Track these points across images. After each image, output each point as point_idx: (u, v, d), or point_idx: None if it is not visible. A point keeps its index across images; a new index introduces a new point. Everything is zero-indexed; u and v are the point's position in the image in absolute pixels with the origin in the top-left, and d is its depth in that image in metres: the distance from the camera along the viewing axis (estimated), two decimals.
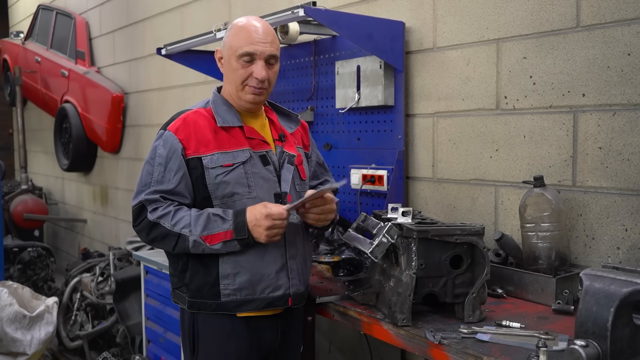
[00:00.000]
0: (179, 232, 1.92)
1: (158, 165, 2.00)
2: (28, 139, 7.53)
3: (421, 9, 2.71)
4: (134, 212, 2.00)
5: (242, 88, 2.03)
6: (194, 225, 1.92)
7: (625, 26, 2.03)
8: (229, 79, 2.07)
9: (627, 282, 1.38)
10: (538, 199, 2.13)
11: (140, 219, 1.97)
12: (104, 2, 5.98)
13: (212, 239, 1.92)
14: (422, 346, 1.76)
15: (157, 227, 1.94)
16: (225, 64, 2.06)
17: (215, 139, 2.01)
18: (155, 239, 1.97)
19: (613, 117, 2.07)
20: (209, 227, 1.92)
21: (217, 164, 1.98)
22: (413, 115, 2.78)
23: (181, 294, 2.06)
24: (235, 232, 1.91)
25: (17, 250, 5.86)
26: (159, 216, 1.95)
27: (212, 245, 1.92)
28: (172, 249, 1.97)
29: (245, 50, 1.99)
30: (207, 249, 1.93)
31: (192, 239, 1.91)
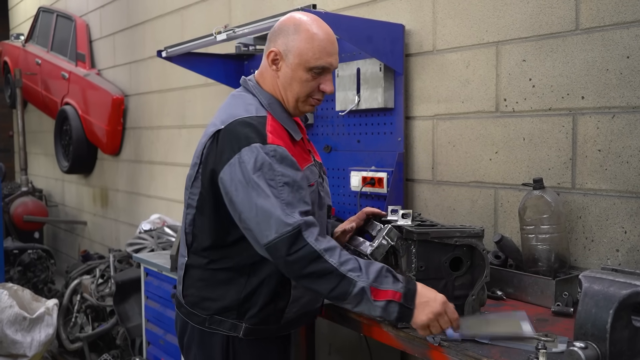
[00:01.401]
0: (345, 273, 1.62)
1: (283, 185, 1.69)
2: (28, 141, 7.53)
3: (421, 12, 2.72)
4: (287, 239, 1.64)
5: (304, 99, 1.86)
6: (365, 271, 1.64)
7: (624, 29, 2.03)
8: (290, 87, 1.85)
9: (626, 284, 1.38)
10: (537, 201, 2.14)
11: (298, 247, 1.63)
12: (104, 4, 5.99)
13: (377, 294, 1.63)
14: (422, 348, 1.76)
15: (320, 261, 1.63)
16: (286, 71, 1.84)
17: (296, 154, 1.82)
18: (311, 275, 1.64)
19: (612, 119, 2.08)
20: (379, 279, 1.64)
21: (307, 183, 1.81)
22: (413, 117, 2.78)
23: (231, 321, 1.84)
24: (404, 298, 1.64)
25: (17, 252, 5.86)
26: (325, 248, 1.64)
27: (376, 300, 1.63)
28: (327, 292, 1.65)
29: (320, 64, 1.81)
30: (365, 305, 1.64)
31: (360, 285, 1.61)
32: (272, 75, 1.88)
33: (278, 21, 1.92)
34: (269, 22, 2.65)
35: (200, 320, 1.88)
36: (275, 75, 1.87)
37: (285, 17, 1.90)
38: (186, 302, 1.93)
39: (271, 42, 1.88)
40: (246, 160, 1.70)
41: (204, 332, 1.88)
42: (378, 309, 1.65)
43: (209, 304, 1.87)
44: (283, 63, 1.84)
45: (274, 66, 1.86)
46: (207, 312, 1.86)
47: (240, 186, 1.70)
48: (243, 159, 1.70)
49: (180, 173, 4.68)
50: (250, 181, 1.68)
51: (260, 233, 1.68)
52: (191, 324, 1.92)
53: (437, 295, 1.68)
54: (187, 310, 1.92)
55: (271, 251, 1.68)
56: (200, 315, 1.88)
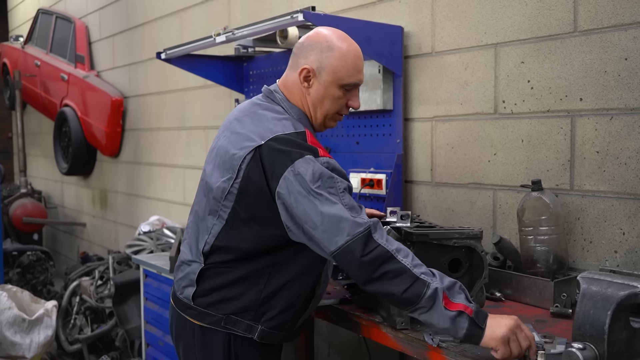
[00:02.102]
0: (418, 275, 1.59)
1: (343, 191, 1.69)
2: (27, 142, 7.53)
3: (420, 14, 2.72)
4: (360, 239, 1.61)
5: (332, 115, 1.89)
6: (439, 277, 1.61)
7: (623, 31, 2.04)
8: (320, 103, 1.85)
9: (624, 285, 1.39)
10: (536, 202, 2.14)
11: (372, 248, 1.61)
12: (103, 6, 6.00)
13: (449, 303, 1.57)
14: (421, 349, 1.77)
15: (393, 261, 1.60)
16: (318, 87, 1.84)
17: None
18: (384, 275, 1.61)
19: (610, 121, 2.08)
20: (452, 291, 1.59)
21: None
22: (412, 119, 2.79)
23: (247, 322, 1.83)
24: (475, 315, 1.56)
25: (16, 254, 5.85)
26: (397, 249, 1.62)
27: (446, 308, 1.56)
28: (400, 293, 1.60)
29: (353, 81, 1.83)
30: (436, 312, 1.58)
31: (434, 287, 1.57)
32: (301, 91, 1.87)
33: (305, 37, 1.90)
34: (268, 23, 2.65)
35: (215, 321, 1.85)
36: (305, 91, 1.86)
37: (314, 33, 1.89)
38: (197, 304, 1.89)
39: (302, 58, 1.86)
40: (302, 172, 1.68)
41: (204, 331, 1.87)
42: (447, 319, 1.57)
43: (226, 304, 1.85)
44: (315, 80, 1.84)
45: (306, 83, 1.85)
46: (224, 312, 1.84)
47: (300, 197, 1.67)
48: (299, 171, 1.68)
49: (179, 174, 4.69)
50: (311, 191, 1.66)
51: (329, 240, 1.65)
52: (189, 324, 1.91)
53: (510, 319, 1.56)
54: (199, 312, 1.88)
55: (344, 254, 1.63)
56: (216, 315, 1.85)
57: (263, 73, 3.55)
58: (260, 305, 1.83)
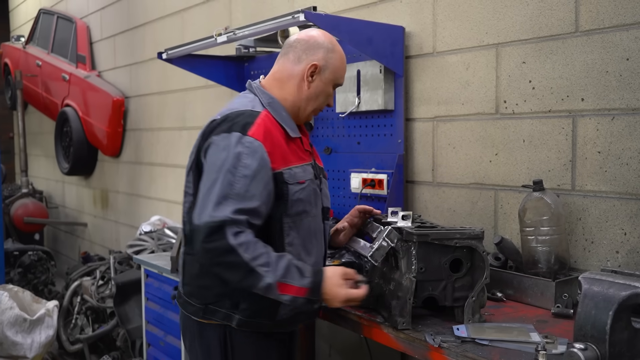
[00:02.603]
0: (254, 267, 1.71)
1: (243, 177, 1.75)
2: (29, 142, 7.54)
3: (421, 14, 2.72)
4: (209, 228, 1.72)
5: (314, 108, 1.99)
6: (274, 267, 1.73)
7: (624, 31, 2.04)
8: (312, 98, 1.96)
9: (626, 285, 1.38)
10: (537, 203, 2.14)
11: (216, 238, 1.71)
12: (104, 6, 6.00)
13: (284, 289, 1.74)
14: (422, 349, 1.77)
15: (233, 254, 1.71)
16: (319, 83, 1.95)
17: (289, 151, 1.89)
18: (222, 264, 1.74)
19: (612, 121, 2.08)
20: (287, 275, 1.74)
21: (295, 180, 1.87)
22: (413, 119, 2.79)
23: (224, 311, 1.88)
24: (311, 292, 1.76)
25: (17, 254, 5.86)
26: (240, 243, 1.71)
27: (282, 294, 1.75)
28: (235, 282, 1.76)
29: (342, 82, 2.01)
30: (272, 296, 1.75)
31: (267, 281, 1.72)
32: (298, 84, 1.95)
33: (307, 35, 1.99)
34: (270, 23, 2.65)
35: (195, 310, 1.92)
36: (304, 85, 1.95)
37: (316, 32, 2.00)
38: (184, 292, 1.97)
39: (309, 55, 1.95)
40: (221, 145, 1.80)
41: (202, 324, 1.92)
42: (286, 300, 1.77)
43: (204, 293, 1.91)
44: (318, 77, 1.94)
45: (310, 78, 1.94)
46: (203, 301, 1.90)
47: (207, 166, 1.82)
48: (219, 143, 1.81)
49: (180, 175, 4.67)
50: (216, 164, 1.79)
51: (198, 213, 1.77)
52: (191, 318, 1.95)
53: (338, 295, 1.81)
54: (184, 300, 1.96)
55: (195, 233, 1.76)
56: (196, 304, 1.92)
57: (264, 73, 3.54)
58: (232, 293, 1.86)
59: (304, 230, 1.92)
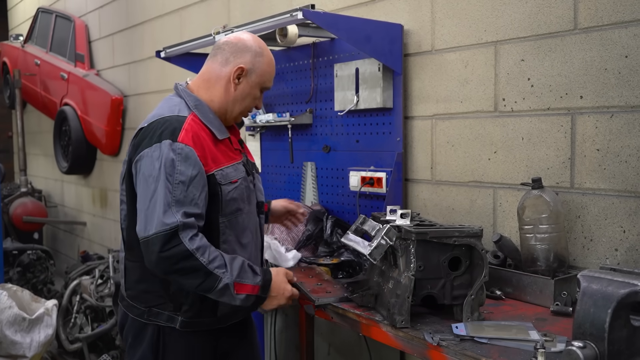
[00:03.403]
0: (212, 270, 1.77)
1: (180, 183, 1.79)
2: (27, 141, 7.53)
3: (419, 12, 2.72)
4: (164, 236, 1.74)
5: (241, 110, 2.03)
6: (229, 268, 1.80)
7: (623, 28, 2.03)
8: (240, 100, 2.00)
9: (625, 283, 1.38)
10: (536, 200, 2.14)
11: (172, 245, 1.74)
12: (103, 5, 5.99)
13: (240, 288, 1.83)
14: (421, 348, 1.76)
15: (191, 259, 1.75)
16: (245, 86, 1.99)
17: (218, 152, 1.93)
18: (181, 270, 1.77)
19: (611, 119, 2.08)
20: (241, 274, 1.83)
21: (227, 180, 1.91)
22: (412, 117, 2.78)
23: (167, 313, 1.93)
24: (261, 290, 1.88)
25: (16, 253, 5.86)
26: (197, 247, 1.76)
27: (237, 294, 1.83)
28: (194, 287, 1.81)
29: (269, 86, 2.05)
30: (227, 297, 1.83)
31: (224, 282, 1.79)
32: (225, 85, 1.99)
33: (236, 38, 2.04)
34: (268, 22, 2.65)
35: (140, 313, 1.97)
36: (231, 87, 1.99)
37: (244, 35, 2.04)
38: (127, 296, 2.01)
39: (237, 58, 1.99)
40: (154, 156, 1.82)
41: (140, 323, 1.97)
42: (238, 301, 1.85)
43: (146, 297, 1.96)
44: (245, 79, 1.99)
45: (237, 80, 1.99)
46: (146, 304, 1.95)
47: (143, 178, 1.83)
48: (152, 154, 1.82)
49: None
50: (152, 175, 1.80)
51: (145, 226, 1.79)
52: (130, 316, 2.00)
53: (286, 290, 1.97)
54: (128, 303, 2.01)
55: (147, 245, 1.78)
56: (140, 307, 1.97)
57: None
58: (174, 296, 1.92)
59: (239, 226, 1.98)
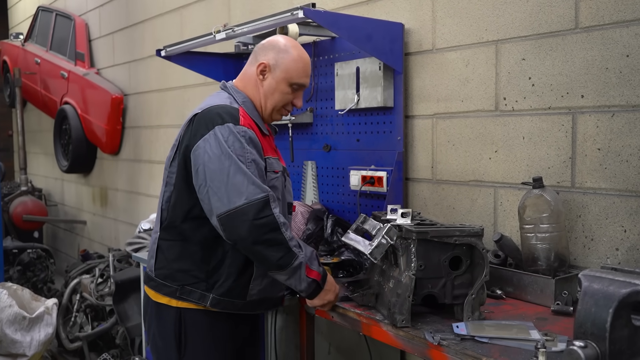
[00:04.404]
0: (291, 247, 1.89)
1: (251, 162, 1.92)
2: (28, 140, 7.53)
3: (420, 11, 2.72)
4: (258, 204, 1.84)
5: (280, 109, 2.14)
6: (304, 249, 1.94)
7: (624, 28, 2.03)
8: (270, 95, 2.11)
9: (626, 283, 1.38)
10: (537, 200, 2.14)
11: (265, 214, 1.85)
12: (103, 3, 5.99)
13: (309, 272, 1.96)
14: (422, 347, 1.76)
15: (277, 231, 1.86)
16: (271, 81, 2.10)
17: (265, 143, 2.07)
18: (268, 241, 1.86)
19: (612, 118, 2.08)
20: (311, 259, 1.97)
21: (272, 168, 2.05)
22: (412, 116, 2.78)
23: (200, 292, 2.01)
24: (322, 279, 2.01)
25: (16, 252, 5.86)
26: (283, 222, 1.88)
27: (307, 276, 1.95)
28: (275, 260, 1.88)
29: (301, 82, 2.11)
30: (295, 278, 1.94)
31: (299, 260, 1.91)
32: (255, 83, 2.12)
33: (266, 40, 2.17)
34: (269, 21, 2.65)
35: (171, 291, 2.04)
36: (259, 84, 2.12)
37: (274, 37, 2.18)
38: (157, 275, 2.08)
39: (261, 56, 2.13)
40: (220, 136, 1.92)
41: (161, 306, 2.06)
42: (304, 283, 1.95)
43: (180, 276, 2.03)
44: (270, 75, 2.10)
45: (261, 76, 2.11)
46: (179, 282, 2.03)
47: (214, 157, 1.90)
48: (217, 135, 1.92)
49: None
50: (225, 153, 1.89)
51: (229, 199, 1.86)
52: (152, 302, 2.10)
53: (337, 287, 2.08)
54: (158, 283, 2.07)
55: (238, 215, 1.84)
56: (172, 286, 2.04)
57: None
58: (210, 275, 2.01)
59: None
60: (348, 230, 2.12)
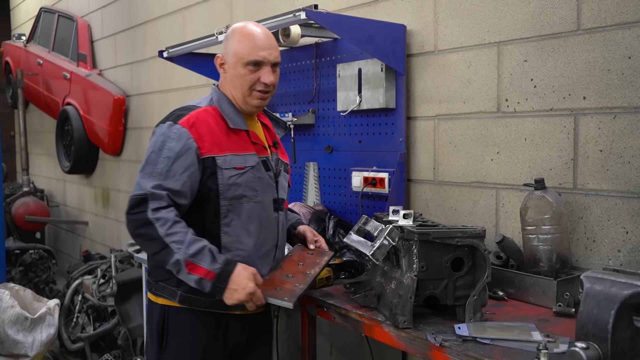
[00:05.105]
0: (168, 243, 1.88)
1: (165, 158, 1.96)
2: (30, 141, 7.54)
3: (422, 12, 2.72)
4: (133, 200, 1.93)
5: (249, 93, 2.09)
6: (187, 246, 1.88)
7: (626, 29, 2.03)
8: (234, 84, 2.10)
9: (628, 284, 1.38)
10: (539, 201, 2.14)
11: (138, 210, 1.91)
12: (105, 4, 6.00)
13: (193, 269, 1.88)
14: (423, 348, 1.76)
15: (150, 227, 1.89)
16: (230, 70, 2.10)
17: (227, 141, 2.05)
18: (141, 235, 1.93)
19: (614, 120, 2.08)
20: (198, 256, 1.89)
21: (230, 166, 2.02)
22: (414, 117, 2.78)
23: (171, 288, 2.04)
24: (217, 278, 1.89)
25: (18, 253, 5.86)
26: (158, 218, 1.89)
27: (190, 273, 1.89)
28: (151, 254, 1.99)
29: (253, 59, 2.06)
30: (182, 275, 1.91)
31: (177, 257, 1.88)
32: (224, 79, 2.16)
33: None
34: (271, 22, 2.65)
35: (151, 287, 2.12)
36: (225, 78, 2.15)
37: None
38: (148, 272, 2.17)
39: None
40: (156, 132, 2.04)
41: (151, 303, 2.13)
42: (192, 281, 1.91)
43: (155, 271, 2.10)
44: (226, 65, 2.11)
45: (222, 70, 2.14)
46: (154, 278, 2.10)
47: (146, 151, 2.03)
48: (155, 131, 2.04)
49: None
50: (149, 148, 2.01)
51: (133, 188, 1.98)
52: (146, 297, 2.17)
53: (248, 286, 1.91)
54: (147, 280, 2.18)
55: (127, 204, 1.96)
56: (150, 282, 2.12)
57: None
58: None
59: (244, 213, 2.05)
60: (350, 231, 2.12)
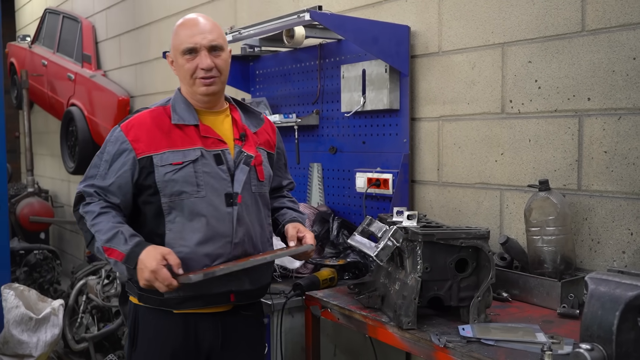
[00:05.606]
0: (93, 233, 1.99)
1: (104, 161, 2.07)
2: (34, 141, 7.56)
3: (426, 13, 2.72)
4: (75, 198, 2.09)
5: (192, 82, 2.07)
6: (104, 233, 1.97)
7: (631, 30, 2.03)
8: (180, 78, 2.12)
9: (633, 285, 1.38)
10: (543, 202, 2.13)
11: (77, 207, 2.07)
12: (110, 6, 6.01)
13: (110, 253, 1.94)
14: (427, 349, 1.76)
15: (82, 220, 2.03)
16: (175, 65, 2.12)
17: (167, 138, 2.04)
18: (81, 229, 2.08)
19: (618, 121, 2.07)
20: (113, 241, 1.95)
21: (166, 162, 2.00)
22: (418, 119, 2.78)
23: (133, 285, 2.08)
24: (126, 259, 1.91)
25: (23, 253, 5.88)
26: (86, 211, 2.02)
27: (109, 257, 1.95)
28: (87, 245, 2.09)
29: (186, 46, 2.06)
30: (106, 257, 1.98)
31: (97, 244, 1.98)
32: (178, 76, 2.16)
33: None
34: (275, 23, 2.66)
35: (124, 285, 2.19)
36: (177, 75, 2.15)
37: None
38: None
39: None
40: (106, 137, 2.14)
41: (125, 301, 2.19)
42: (111, 264, 1.97)
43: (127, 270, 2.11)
44: (172, 61, 2.13)
45: (172, 68, 2.15)
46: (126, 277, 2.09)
47: None
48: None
49: None
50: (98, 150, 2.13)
51: None
52: None
53: (151, 264, 1.86)
54: None
55: None
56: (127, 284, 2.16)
57: (269, 72, 3.55)
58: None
59: (186, 210, 2.00)
60: (354, 232, 2.12)
